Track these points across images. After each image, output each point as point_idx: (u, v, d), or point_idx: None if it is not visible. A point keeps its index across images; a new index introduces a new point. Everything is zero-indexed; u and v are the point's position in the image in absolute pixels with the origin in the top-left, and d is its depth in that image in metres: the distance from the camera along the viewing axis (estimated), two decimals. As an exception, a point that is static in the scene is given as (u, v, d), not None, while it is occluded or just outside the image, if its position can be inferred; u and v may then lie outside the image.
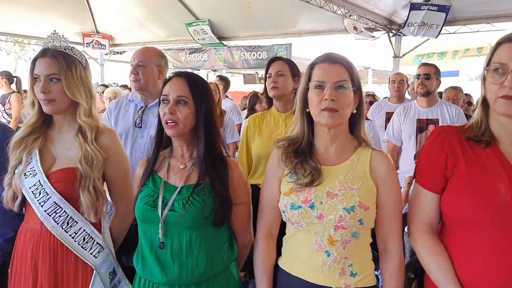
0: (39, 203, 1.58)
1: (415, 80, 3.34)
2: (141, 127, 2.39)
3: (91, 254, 1.62)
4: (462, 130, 1.35)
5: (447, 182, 1.33)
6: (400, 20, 6.61)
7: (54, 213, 1.59)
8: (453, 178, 1.31)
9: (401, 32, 6.54)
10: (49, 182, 1.59)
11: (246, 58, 8.54)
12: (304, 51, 9.02)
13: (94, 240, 1.64)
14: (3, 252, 1.76)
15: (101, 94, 5.37)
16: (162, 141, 1.58)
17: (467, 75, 13.59)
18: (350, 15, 6.32)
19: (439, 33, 6.43)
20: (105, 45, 10.11)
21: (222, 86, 5.27)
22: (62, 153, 1.65)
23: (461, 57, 13.55)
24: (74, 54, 1.66)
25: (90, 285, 1.60)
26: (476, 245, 1.25)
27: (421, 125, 3.33)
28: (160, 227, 1.46)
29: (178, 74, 1.54)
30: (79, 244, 1.61)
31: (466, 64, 13.54)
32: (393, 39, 7.05)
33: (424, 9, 6.14)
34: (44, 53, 1.62)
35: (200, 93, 1.51)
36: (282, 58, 2.50)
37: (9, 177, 1.63)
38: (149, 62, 2.37)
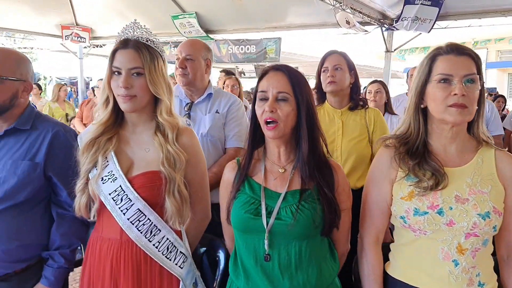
0: (121, 211, 1.44)
1: None
2: (189, 125, 2.23)
3: (176, 264, 1.50)
4: None
5: None
6: (393, 15, 6.56)
7: (138, 221, 1.45)
8: None
9: (394, 27, 6.50)
10: (132, 187, 1.44)
11: (234, 52, 8.36)
12: (293, 46, 8.92)
13: (178, 249, 1.51)
14: (70, 264, 1.66)
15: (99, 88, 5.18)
16: (256, 142, 1.45)
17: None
18: (344, 9, 6.22)
19: (431, 28, 6.41)
20: (85, 38, 9.73)
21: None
22: (140, 155, 1.51)
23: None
24: (156, 46, 1.49)
25: None
26: None
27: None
28: (265, 238, 1.32)
29: (275, 68, 1.39)
30: (163, 254, 1.48)
31: (448, 58, 13.65)
32: (385, 33, 6.99)
33: (417, 4, 6.10)
34: (125, 43, 1.46)
35: (301, 88, 1.36)
36: (338, 51, 2.36)
37: (82, 182, 1.49)
38: (197, 56, 2.25)
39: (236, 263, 1.44)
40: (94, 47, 10.69)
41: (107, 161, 1.48)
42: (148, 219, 1.45)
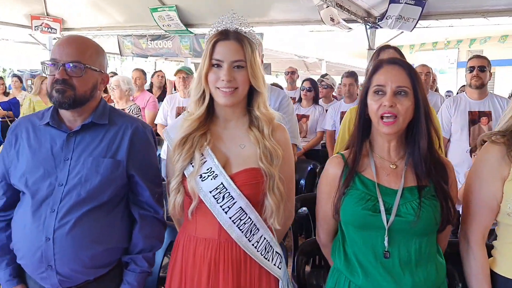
0: (223, 209, 1.39)
1: (467, 73, 3.26)
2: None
3: (274, 265, 1.46)
4: None
5: None
6: (376, 13, 6.58)
7: (239, 220, 1.40)
8: None
9: (378, 25, 6.52)
10: (235, 184, 1.39)
11: (214, 47, 8.18)
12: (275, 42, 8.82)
13: (273, 249, 1.47)
14: (151, 268, 1.61)
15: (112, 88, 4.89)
16: (365, 137, 1.43)
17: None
18: (328, 6, 6.18)
19: (414, 27, 6.47)
20: (55, 29, 9.29)
21: None
22: (235, 151, 1.45)
23: (417, 51, 14.00)
24: (253, 38, 1.44)
25: None
26: None
27: (473, 118, 3.29)
28: (385, 235, 1.31)
29: (391, 62, 1.38)
30: (261, 255, 1.44)
31: (421, 57, 14.05)
32: (368, 31, 7.01)
33: (402, 3, 6.13)
34: (226, 35, 1.41)
35: (419, 82, 1.35)
36: (392, 46, 2.34)
37: (177, 180, 1.43)
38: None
39: (348, 260, 1.40)
40: (64, 39, 10.26)
41: (204, 158, 1.41)
42: (249, 217, 1.40)
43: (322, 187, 1.50)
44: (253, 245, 1.42)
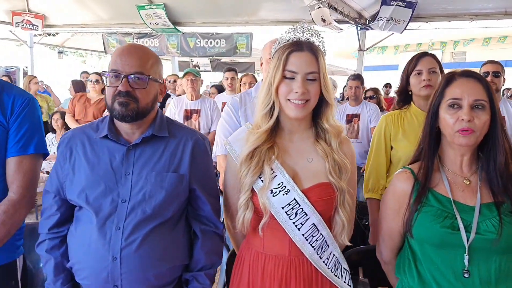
0: (296, 226, 1.33)
1: None
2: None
3: (344, 282, 1.42)
4: None
5: None
6: (367, 14, 6.59)
7: (311, 237, 1.35)
8: None
9: (369, 26, 6.53)
10: (309, 200, 1.33)
11: (202, 46, 8.08)
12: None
13: (342, 266, 1.42)
14: (211, 285, 1.52)
15: (94, 82, 4.75)
16: (436, 150, 1.37)
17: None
18: (320, 7, 6.16)
19: (404, 29, 6.52)
20: (37, 26, 9.05)
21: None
22: (303, 165, 1.39)
23: (401, 52, 14.17)
24: (324, 48, 1.38)
25: None
26: None
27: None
28: (466, 253, 1.26)
29: (465, 74, 1.34)
30: (331, 272, 1.39)
31: (405, 58, 14.18)
32: (359, 32, 7.04)
33: (393, 5, 6.17)
34: (300, 46, 1.33)
35: (494, 95, 1.31)
36: (430, 54, 2.26)
37: (247, 196, 1.36)
38: None
39: (423, 278, 1.34)
40: (46, 36, 10.00)
41: (274, 172, 1.35)
42: (321, 234, 1.35)
43: (389, 203, 1.43)
44: (323, 262, 1.37)
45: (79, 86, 6.12)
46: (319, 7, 6.15)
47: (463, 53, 17.13)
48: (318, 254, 1.35)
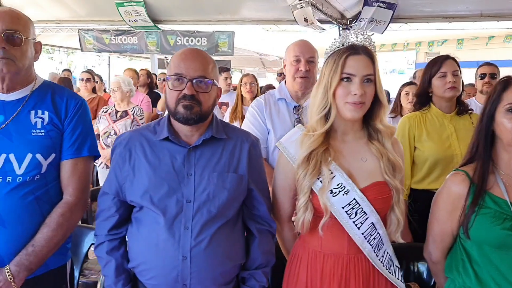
0: (355, 225, 1.39)
1: (478, 79, 3.35)
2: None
3: (398, 279, 1.47)
4: None
5: None
6: (349, 15, 6.66)
7: (369, 236, 1.40)
8: None
9: (351, 27, 6.59)
10: (368, 199, 1.39)
11: (183, 44, 7.96)
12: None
13: (394, 263, 1.48)
14: (267, 282, 1.57)
15: (86, 81, 4.61)
16: (491, 153, 1.41)
17: (382, 69, 14.63)
18: (303, 6, 6.18)
19: (385, 29, 6.62)
20: (9, 21, 8.70)
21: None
22: (358, 165, 1.45)
23: (376, 51, 14.39)
24: (375, 51, 1.47)
25: None
26: None
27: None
28: None
29: None
30: (386, 269, 1.44)
31: (380, 58, 14.44)
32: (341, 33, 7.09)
33: (375, 6, 6.25)
34: (355, 49, 1.40)
35: None
36: (451, 57, 2.38)
37: (306, 197, 1.42)
38: (316, 59, 2.21)
39: (480, 279, 1.38)
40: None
41: (332, 173, 1.41)
42: (378, 233, 1.41)
43: (442, 205, 1.47)
44: (379, 259, 1.42)
45: (66, 84, 5.96)
46: (302, 7, 6.17)
47: (437, 53, 17.65)
48: (375, 252, 1.40)
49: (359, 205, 1.39)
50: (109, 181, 1.51)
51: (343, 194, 1.39)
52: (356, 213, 1.39)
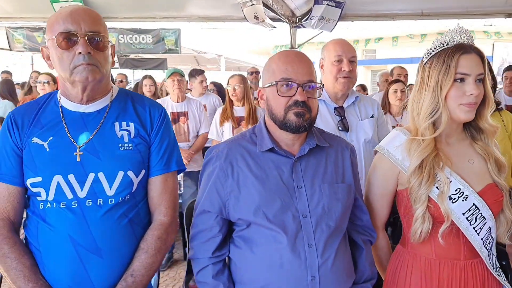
0: (475, 231, 1.36)
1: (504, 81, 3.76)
2: (347, 131, 2.11)
3: (504, 280, 1.44)
4: None
5: None
6: (299, 13, 6.68)
7: (486, 240, 1.38)
8: None
9: (302, 24, 6.62)
10: (486, 204, 1.36)
11: (126, 42, 7.58)
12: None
13: (497, 265, 1.45)
14: None
15: (45, 84, 4.26)
16: None
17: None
18: (253, 4, 6.09)
19: (334, 27, 6.71)
20: None
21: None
22: (466, 167, 1.40)
23: (318, 49, 14.75)
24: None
25: None
26: None
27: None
28: None
29: None
30: (495, 271, 1.41)
31: (318, 56, 14.80)
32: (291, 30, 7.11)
33: (324, 4, 6.31)
34: (466, 48, 1.34)
35: None
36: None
37: (424, 207, 1.35)
38: (357, 58, 2.18)
39: None
40: None
41: (448, 179, 1.37)
42: (492, 237, 1.39)
43: None
44: (490, 263, 1.40)
45: (8, 88, 5.34)
46: (252, 4, 6.08)
47: (374, 50, 18.51)
48: (489, 256, 1.39)
49: (479, 210, 1.36)
50: (209, 198, 1.39)
51: (462, 200, 1.35)
52: (476, 218, 1.36)
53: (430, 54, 1.40)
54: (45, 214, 1.31)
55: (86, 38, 1.29)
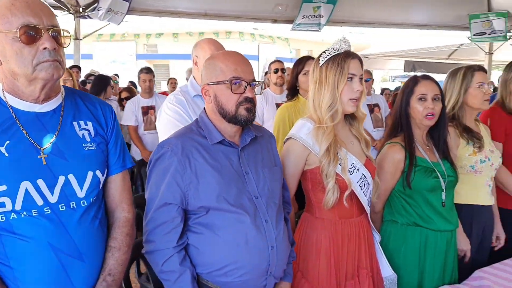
0: (364, 193, 1.76)
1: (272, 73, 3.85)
2: None
3: (374, 230, 1.91)
4: None
5: None
6: (83, 2, 6.25)
7: (369, 199, 1.81)
8: None
9: (87, 15, 6.21)
10: (370, 173, 1.78)
11: None
12: None
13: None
14: None
15: None
16: (410, 128, 1.97)
17: (102, 59, 14.29)
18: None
19: (122, 20, 6.56)
20: None
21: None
22: (350, 147, 1.78)
23: (94, 41, 13.91)
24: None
25: None
26: None
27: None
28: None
29: None
30: (371, 224, 1.89)
31: (99, 47, 14.01)
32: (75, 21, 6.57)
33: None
34: (352, 55, 1.70)
35: None
36: (312, 57, 2.71)
37: (334, 181, 1.68)
38: None
39: (419, 215, 1.94)
40: None
41: (346, 157, 1.72)
42: (370, 196, 1.82)
43: (387, 169, 1.95)
44: (370, 216, 1.85)
45: None
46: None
47: (155, 45, 18.55)
48: (369, 207, 1.83)
49: (366, 178, 1.76)
50: (170, 191, 1.45)
51: (355, 172, 1.73)
52: (364, 184, 1.75)
53: (326, 58, 1.71)
54: (11, 226, 1.22)
55: (50, 33, 1.20)
